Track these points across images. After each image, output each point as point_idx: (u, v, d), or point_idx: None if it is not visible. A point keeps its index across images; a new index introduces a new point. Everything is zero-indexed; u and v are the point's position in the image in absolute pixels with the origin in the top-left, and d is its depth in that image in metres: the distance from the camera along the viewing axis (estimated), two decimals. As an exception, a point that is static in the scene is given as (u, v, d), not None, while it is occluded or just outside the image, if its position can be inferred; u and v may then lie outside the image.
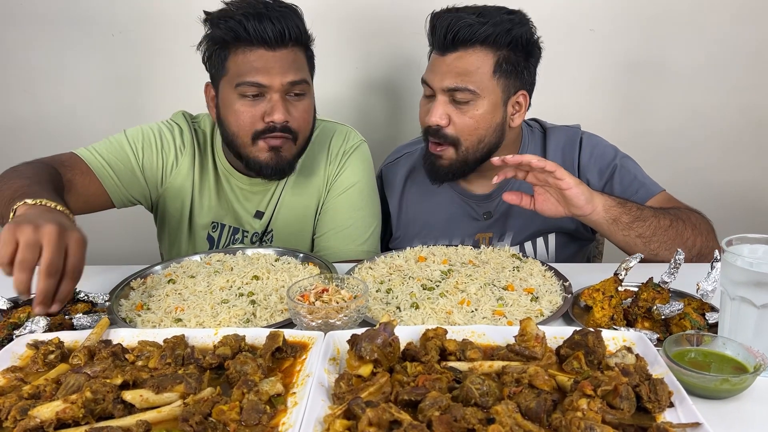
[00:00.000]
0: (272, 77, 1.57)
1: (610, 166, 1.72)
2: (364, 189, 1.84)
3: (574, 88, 2.46)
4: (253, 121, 1.61)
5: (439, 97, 1.64)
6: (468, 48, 1.61)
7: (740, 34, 2.38)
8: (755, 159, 2.55)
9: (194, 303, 1.33)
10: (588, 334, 1.02)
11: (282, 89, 1.59)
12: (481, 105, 1.63)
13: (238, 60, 1.58)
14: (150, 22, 2.44)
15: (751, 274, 1.02)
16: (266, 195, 1.81)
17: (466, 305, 1.29)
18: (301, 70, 1.63)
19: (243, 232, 1.83)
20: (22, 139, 2.59)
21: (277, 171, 1.67)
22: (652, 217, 1.50)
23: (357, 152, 1.85)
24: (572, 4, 2.37)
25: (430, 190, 1.86)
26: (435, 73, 1.64)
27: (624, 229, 1.49)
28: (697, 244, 1.52)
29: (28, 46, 2.48)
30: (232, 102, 1.61)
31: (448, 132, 1.65)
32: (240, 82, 1.58)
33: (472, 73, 1.61)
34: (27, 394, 0.94)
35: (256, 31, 1.54)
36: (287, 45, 1.59)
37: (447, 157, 1.68)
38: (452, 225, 1.84)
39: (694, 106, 2.48)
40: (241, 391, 0.93)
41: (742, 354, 1.02)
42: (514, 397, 0.90)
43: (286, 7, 1.61)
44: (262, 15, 1.55)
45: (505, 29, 1.60)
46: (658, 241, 1.50)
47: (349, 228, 1.79)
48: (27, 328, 1.17)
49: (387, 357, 0.98)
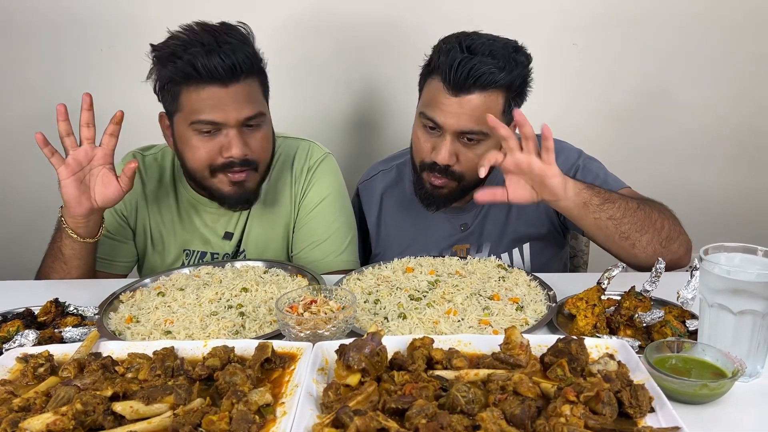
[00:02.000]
0: (227, 114, 1.55)
1: (573, 167, 1.75)
2: (335, 201, 1.82)
3: (561, 103, 2.50)
4: (211, 156, 1.59)
5: (448, 137, 1.62)
6: (484, 91, 1.58)
7: (726, 50, 2.46)
8: (734, 167, 2.62)
9: (183, 315, 1.34)
10: (571, 341, 1.04)
11: (237, 124, 1.57)
12: (489, 143, 1.63)
13: (191, 97, 1.55)
14: (140, 38, 2.45)
15: (728, 282, 1.05)
16: (234, 216, 1.80)
17: (453, 315, 1.31)
18: (256, 101, 1.60)
19: (212, 255, 1.81)
20: (13, 156, 2.61)
21: (242, 201, 1.67)
22: (620, 200, 1.49)
23: (322, 166, 1.83)
24: (557, 17, 2.42)
25: (407, 206, 1.88)
26: (446, 113, 1.60)
27: (595, 211, 1.47)
28: (665, 225, 1.52)
29: (19, 61, 2.48)
30: (188, 138, 1.60)
31: (456, 170, 1.65)
32: (194, 120, 1.55)
33: (483, 115, 1.54)
34: (17, 407, 0.94)
35: (206, 69, 1.50)
36: (239, 79, 1.55)
37: (449, 187, 1.69)
38: (430, 238, 1.86)
39: (680, 121, 2.54)
40: (230, 402, 0.94)
41: (720, 360, 1.04)
42: (499, 404, 0.92)
43: (235, 37, 1.56)
44: (211, 51, 1.50)
45: (519, 74, 1.60)
46: (629, 223, 1.48)
47: (326, 241, 1.78)
48: (16, 342, 1.18)
49: (374, 366, 1.00)
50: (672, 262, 1.53)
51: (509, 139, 1.42)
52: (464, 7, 2.35)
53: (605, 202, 1.47)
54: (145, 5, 2.41)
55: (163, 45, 1.57)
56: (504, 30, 1.67)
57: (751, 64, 2.48)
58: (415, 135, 1.73)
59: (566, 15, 2.41)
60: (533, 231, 1.82)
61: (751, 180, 2.62)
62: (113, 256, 1.80)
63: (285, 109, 2.28)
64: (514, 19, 2.39)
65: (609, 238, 1.52)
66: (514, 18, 2.39)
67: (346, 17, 2.40)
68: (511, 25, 1.93)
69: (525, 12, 2.40)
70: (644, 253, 1.52)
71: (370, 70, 2.42)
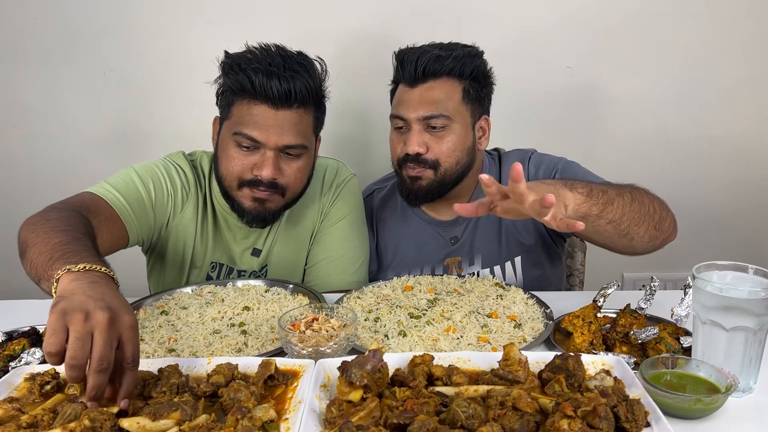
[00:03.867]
0: (269, 136, 1.57)
1: (553, 171, 1.79)
2: (354, 221, 1.87)
3: (550, 122, 2.55)
4: (242, 170, 1.61)
5: (414, 127, 1.71)
6: (437, 79, 1.71)
7: (702, 69, 2.53)
8: (710, 179, 2.67)
9: (187, 334, 1.36)
10: (568, 358, 1.06)
11: (276, 148, 1.59)
12: (455, 129, 1.72)
13: (242, 109, 1.59)
14: (141, 61, 2.50)
15: (721, 299, 1.08)
16: (263, 232, 1.81)
17: (452, 332, 1.34)
18: (302, 133, 1.61)
19: (239, 272, 1.82)
20: (13, 176, 2.62)
21: (259, 219, 1.67)
22: (617, 197, 1.42)
23: (348, 185, 1.89)
24: (547, 40, 2.48)
25: (399, 221, 1.94)
26: (407, 105, 1.72)
27: (595, 221, 1.40)
28: (656, 209, 1.50)
29: (20, 84, 2.52)
30: (227, 146, 1.63)
31: (428, 157, 1.72)
32: (237, 131, 1.58)
33: (443, 100, 1.71)
34: (25, 423, 0.96)
35: (262, 86, 1.54)
36: (291, 106, 1.58)
37: (426, 177, 1.74)
38: (422, 252, 1.90)
39: (662, 137, 2.60)
40: (235, 418, 0.95)
41: (714, 375, 1.07)
42: (498, 420, 0.94)
43: (302, 65, 1.59)
44: (272, 73, 1.54)
45: (468, 61, 1.73)
46: (627, 220, 1.44)
47: (340, 258, 1.81)
48: (22, 360, 1.19)
49: (376, 382, 1.02)
50: (663, 242, 1.54)
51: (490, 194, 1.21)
52: (456, 29, 2.42)
53: (605, 208, 1.39)
54: (147, 30, 2.46)
55: (235, 55, 1.62)
56: (500, 52, 1.73)
57: (744, 86, 2.54)
58: (390, 143, 1.82)
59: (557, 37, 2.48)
60: (524, 242, 1.86)
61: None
62: (139, 222, 1.64)
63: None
64: (512, 41, 2.45)
65: (608, 239, 1.50)
66: (512, 41, 2.45)
67: (343, 38, 2.46)
68: (507, 47, 1.98)
69: (523, 37, 2.46)
70: (641, 242, 1.51)
71: (367, 91, 2.47)
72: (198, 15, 2.44)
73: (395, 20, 2.44)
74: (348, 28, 2.45)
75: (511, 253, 1.86)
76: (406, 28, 2.38)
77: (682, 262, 2.16)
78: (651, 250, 1.56)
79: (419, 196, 1.79)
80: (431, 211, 1.91)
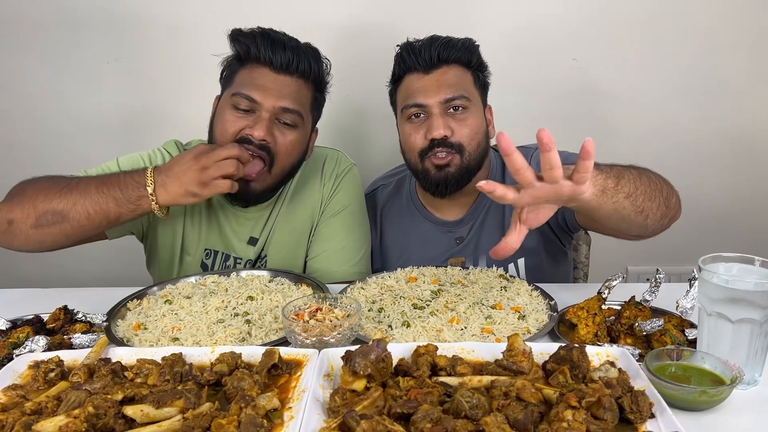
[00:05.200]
0: (266, 96, 1.61)
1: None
2: (355, 211, 1.87)
3: (555, 115, 2.54)
4: (235, 131, 1.62)
5: (435, 111, 1.69)
6: (450, 64, 1.72)
7: (707, 65, 2.51)
8: (720, 177, 2.66)
9: (190, 323, 1.36)
10: (573, 349, 1.06)
11: (273, 111, 1.61)
12: (474, 112, 1.73)
13: (244, 74, 1.65)
14: (145, 51, 2.49)
15: (727, 291, 1.07)
16: (260, 220, 1.81)
17: (456, 323, 1.33)
18: (300, 102, 1.65)
19: (235, 259, 1.82)
20: (20, 165, 2.62)
21: (246, 198, 1.69)
22: (626, 172, 1.36)
23: (349, 175, 1.89)
24: (555, 33, 2.47)
25: (405, 220, 1.92)
26: (425, 91, 1.70)
27: (613, 195, 1.30)
28: (662, 185, 1.45)
29: (25, 73, 2.52)
30: (224, 110, 1.65)
31: (453, 140, 1.70)
32: (236, 92, 1.62)
33: (461, 83, 1.72)
34: (29, 410, 0.96)
35: (266, 49, 1.61)
36: (292, 74, 1.64)
37: (454, 164, 1.72)
38: (426, 251, 1.88)
39: (667, 132, 2.58)
40: (238, 406, 0.96)
41: (719, 367, 1.06)
42: (502, 410, 0.94)
43: (307, 46, 1.68)
44: (276, 41, 1.63)
45: (473, 50, 1.76)
46: (642, 194, 1.37)
47: (342, 250, 1.81)
48: (27, 347, 1.20)
49: (380, 372, 1.02)
50: (671, 220, 1.49)
51: (521, 173, 1.16)
52: (472, 16, 2.42)
53: (619, 181, 1.31)
54: (151, 19, 2.45)
55: (246, 28, 1.67)
56: (506, 44, 1.71)
57: (747, 81, 2.53)
58: (404, 136, 1.78)
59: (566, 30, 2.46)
60: (525, 245, 1.80)
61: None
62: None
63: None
64: (518, 33, 2.43)
65: (626, 218, 1.38)
66: (518, 32, 2.44)
67: (349, 29, 2.45)
68: (512, 38, 1.97)
69: (528, 26, 2.45)
70: (654, 219, 1.42)
71: (371, 79, 2.47)
72: (202, 5, 2.43)
73: (402, 12, 2.43)
74: (351, 19, 2.45)
75: (514, 254, 1.80)
76: (413, 20, 2.37)
77: (687, 256, 2.16)
78: (660, 230, 1.51)
79: (450, 184, 1.75)
80: (436, 210, 1.90)
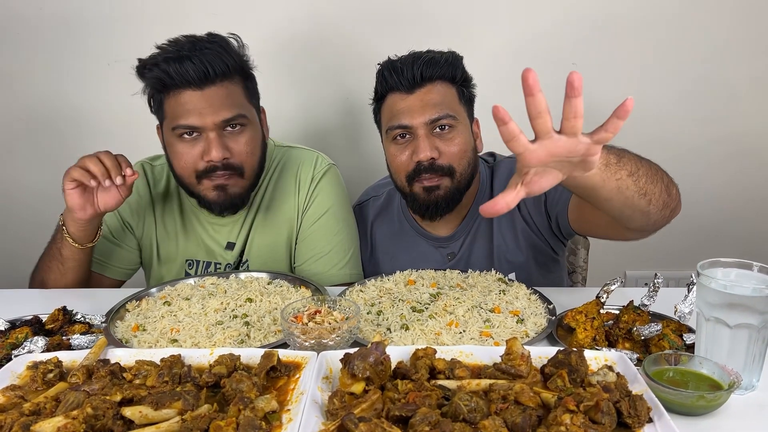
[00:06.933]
0: (204, 117, 1.58)
1: None
2: (338, 212, 1.84)
3: (555, 120, 2.54)
4: (194, 161, 1.62)
5: (420, 133, 1.65)
6: (434, 82, 1.66)
7: (707, 70, 2.52)
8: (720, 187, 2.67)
9: (189, 324, 1.36)
10: (571, 353, 1.06)
11: (216, 127, 1.59)
12: (461, 130, 1.69)
13: (171, 104, 1.61)
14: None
15: (725, 296, 1.07)
16: (235, 225, 1.82)
17: (455, 327, 1.33)
18: (236, 104, 1.62)
19: (215, 264, 1.83)
20: (19, 166, 2.63)
21: (228, 207, 1.69)
22: (625, 151, 1.29)
23: (326, 177, 1.85)
24: (555, 40, 2.47)
25: (397, 234, 1.90)
26: (409, 112, 1.65)
27: (615, 171, 1.22)
28: (662, 172, 1.38)
29: (25, 74, 2.52)
30: (172, 144, 1.64)
31: (442, 163, 1.66)
32: (174, 125, 1.60)
33: (445, 101, 1.66)
34: (28, 411, 0.96)
35: (179, 73, 1.55)
36: (215, 82, 1.58)
37: (444, 186, 1.69)
38: (418, 266, 1.80)
39: (667, 137, 2.59)
40: (237, 408, 0.96)
41: (717, 372, 1.06)
42: (500, 413, 0.94)
43: (213, 42, 1.61)
44: (182, 57, 1.56)
45: (457, 64, 1.70)
46: (644, 175, 1.29)
47: (329, 254, 1.80)
48: (25, 348, 1.20)
49: (379, 375, 1.02)
50: (672, 213, 1.41)
51: (541, 117, 1.07)
52: (473, 20, 2.43)
53: (620, 158, 1.24)
54: (152, 19, 2.45)
55: (146, 57, 1.63)
56: (504, 50, 1.71)
57: (746, 87, 2.53)
58: (390, 157, 1.74)
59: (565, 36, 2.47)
60: (514, 261, 1.81)
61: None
62: (108, 258, 1.82)
63: (283, 121, 2.32)
64: (516, 36, 2.44)
65: (629, 200, 1.29)
66: (516, 35, 2.44)
67: (345, 30, 2.45)
68: (512, 42, 1.97)
69: (528, 31, 2.45)
70: (656, 206, 1.34)
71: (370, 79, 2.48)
72: (203, 6, 2.44)
73: (402, 15, 2.44)
74: (350, 20, 2.45)
75: (503, 270, 1.73)
76: (414, 22, 2.38)
77: (685, 261, 2.17)
78: (661, 222, 1.42)
79: (440, 207, 1.72)
80: (428, 226, 1.86)
